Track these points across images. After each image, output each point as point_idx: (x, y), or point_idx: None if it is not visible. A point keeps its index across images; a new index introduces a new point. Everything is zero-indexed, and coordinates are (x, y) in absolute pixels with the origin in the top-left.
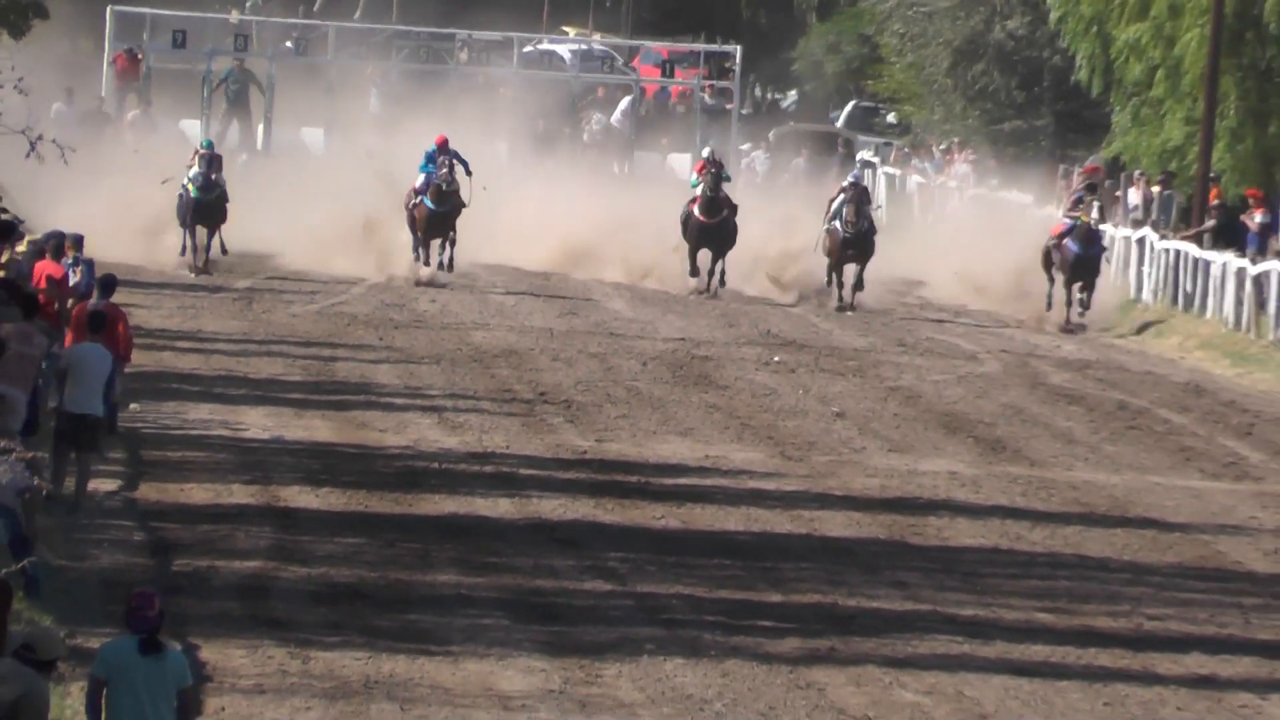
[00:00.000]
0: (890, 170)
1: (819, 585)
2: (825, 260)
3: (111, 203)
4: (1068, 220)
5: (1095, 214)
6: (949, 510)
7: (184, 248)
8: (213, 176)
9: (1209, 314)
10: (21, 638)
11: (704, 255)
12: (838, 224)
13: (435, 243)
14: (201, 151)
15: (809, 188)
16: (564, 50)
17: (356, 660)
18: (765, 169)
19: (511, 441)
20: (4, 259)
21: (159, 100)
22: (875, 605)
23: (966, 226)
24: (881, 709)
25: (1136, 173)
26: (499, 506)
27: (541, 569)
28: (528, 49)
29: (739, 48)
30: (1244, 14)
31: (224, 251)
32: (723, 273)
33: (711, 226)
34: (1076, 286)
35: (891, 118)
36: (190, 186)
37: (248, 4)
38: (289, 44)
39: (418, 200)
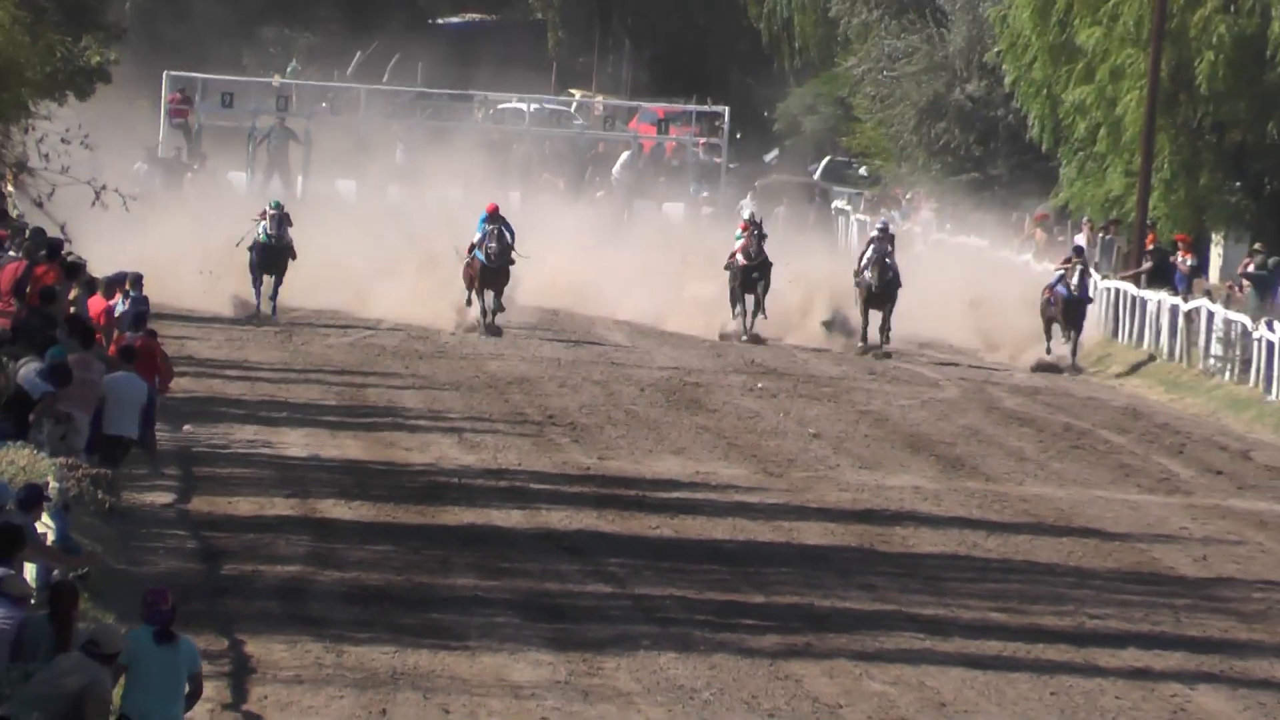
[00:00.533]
0: (861, 217)
1: (797, 587)
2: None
3: (176, 246)
4: (1057, 275)
5: (1076, 279)
6: (913, 521)
7: (256, 298)
8: (283, 230)
9: (1145, 345)
10: (87, 634)
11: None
12: (867, 274)
13: (489, 294)
14: (271, 212)
15: (787, 233)
16: (524, 107)
17: (384, 654)
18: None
19: (523, 459)
20: (72, 296)
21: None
22: (847, 605)
23: (929, 267)
24: (852, 698)
25: (1084, 219)
26: (511, 517)
27: (549, 573)
28: (501, 107)
29: (727, 108)
30: (1178, 77)
31: (274, 311)
32: (761, 310)
33: (752, 267)
34: (1073, 332)
35: (863, 170)
36: (261, 234)
37: (289, 69)
38: (324, 104)
39: (472, 257)
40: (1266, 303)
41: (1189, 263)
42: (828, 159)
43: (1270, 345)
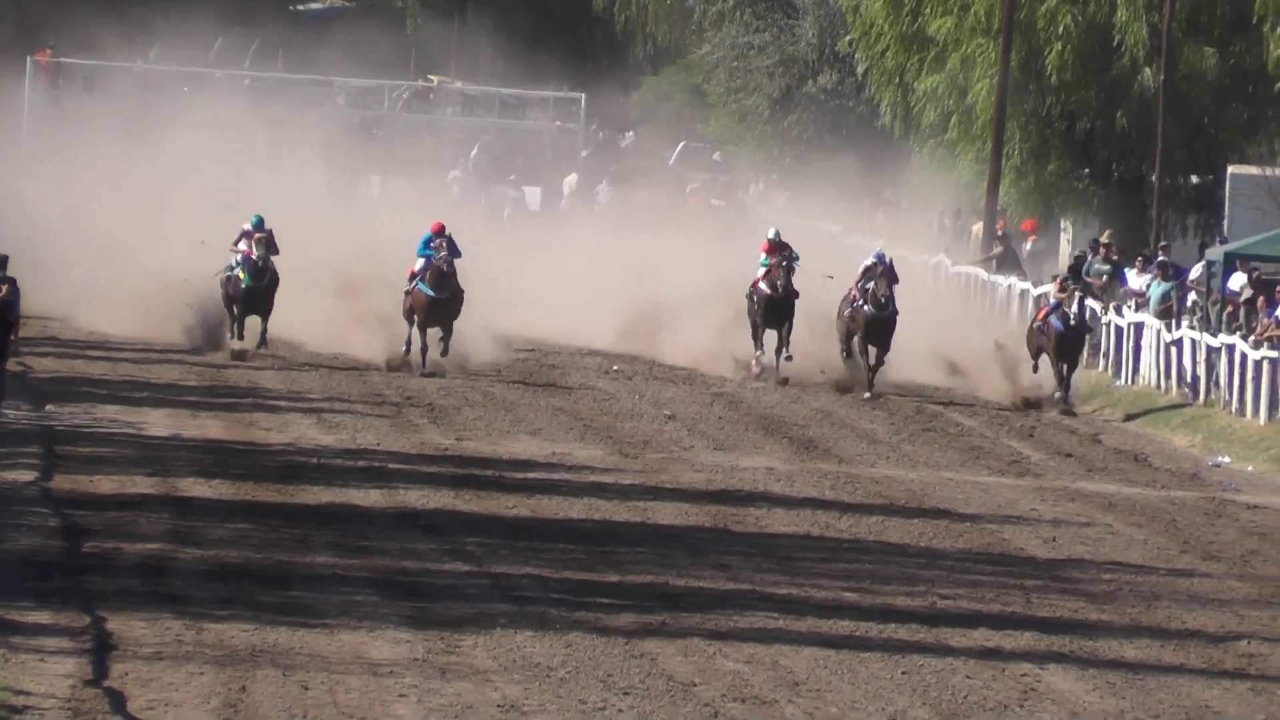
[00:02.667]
0: (717, 202)
1: (651, 567)
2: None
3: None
4: (1053, 303)
5: (1075, 307)
6: (766, 501)
7: (232, 332)
8: (261, 261)
9: (995, 329)
10: None
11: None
12: (864, 304)
13: (433, 331)
14: (251, 231)
15: (643, 215)
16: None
17: (244, 631)
18: (607, 200)
19: (381, 439)
20: None
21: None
22: (701, 585)
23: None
24: (706, 676)
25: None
26: (370, 497)
27: (407, 552)
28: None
29: (583, 95)
30: (1027, 67)
31: (264, 343)
32: (787, 348)
33: (778, 299)
34: (1063, 366)
35: (717, 156)
36: (241, 271)
37: (150, 54)
38: (185, 89)
39: (413, 286)
40: (1114, 290)
41: (1030, 248)
42: (681, 145)
43: (1119, 330)
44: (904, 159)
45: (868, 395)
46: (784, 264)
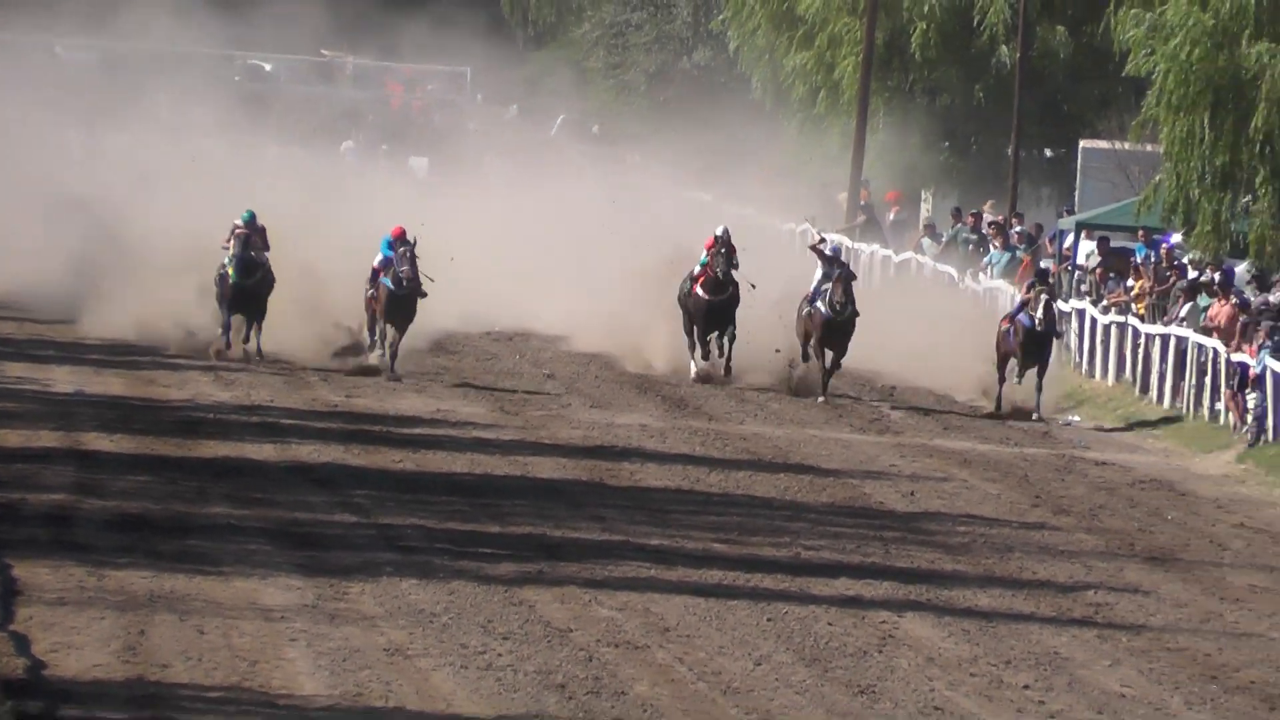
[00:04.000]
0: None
1: (531, 519)
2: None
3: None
4: (1019, 303)
5: (1041, 310)
6: (640, 457)
7: (223, 329)
8: (253, 255)
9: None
10: None
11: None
12: (820, 305)
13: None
14: (240, 228)
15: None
16: (267, 65)
17: (143, 578)
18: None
19: (275, 396)
20: None
21: None
22: (578, 536)
23: (667, 220)
24: (581, 622)
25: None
26: (264, 451)
27: (299, 503)
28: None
29: (469, 69)
30: (892, 44)
31: (259, 354)
32: (729, 353)
33: (717, 305)
34: (1033, 371)
35: (595, 129)
36: (230, 270)
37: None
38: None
39: (378, 285)
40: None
41: (893, 218)
42: (561, 118)
43: (976, 294)
44: (775, 132)
45: (821, 399)
46: (722, 259)
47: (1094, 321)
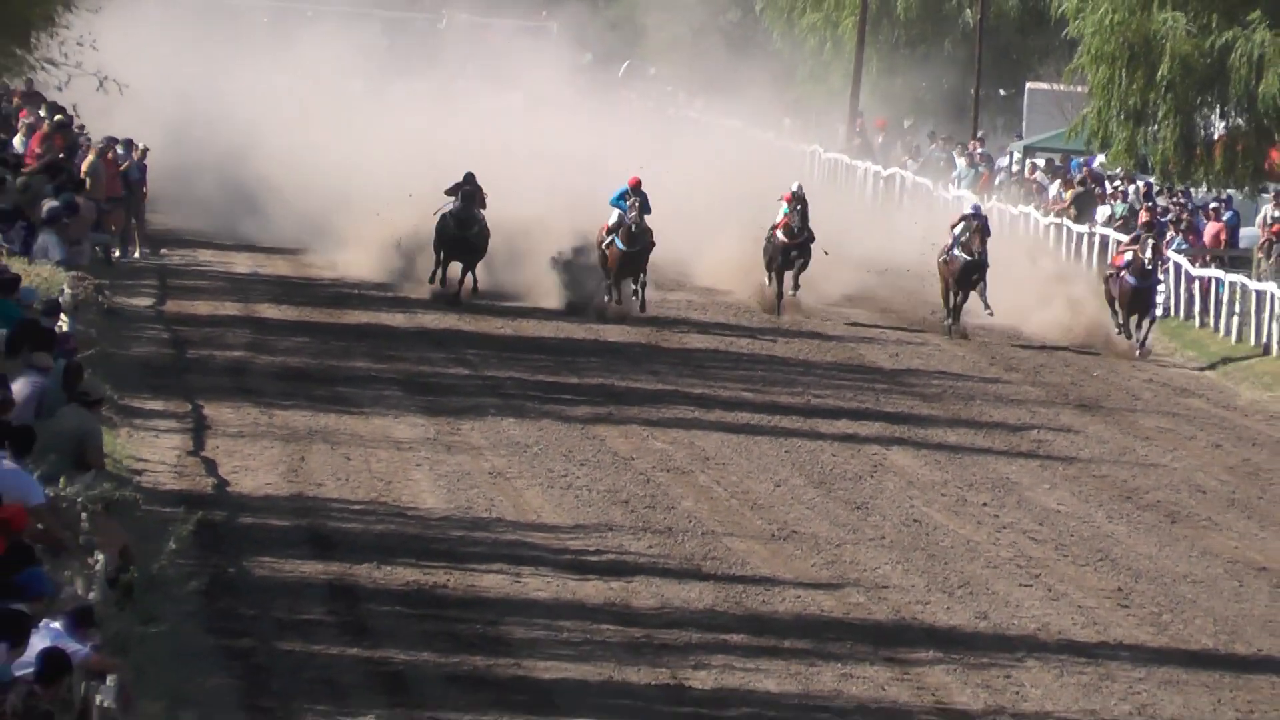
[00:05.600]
0: (648, 103)
1: (601, 372)
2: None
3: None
4: (1126, 255)
5: (1149, 253)
6: (688, 325)
7: (434, 275)
8: (474, 211)
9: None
10: (79, 388)
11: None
12: (958, 251)
13: (627, 281)
14: (460, 184)
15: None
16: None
17: (303, 417)
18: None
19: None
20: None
21: None
22: (638, 385)
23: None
24: (640, 452)
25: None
26: (395, 318)
27: (423, 359)
28: None
29: (555, 24)
30: (883, 6)
31: (475, 289)
32: (797, 280)
33: (792, 247)
34: (1134, 319)
35: (653, 71)
36: (451, 221)
37: None
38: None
39: (609, 240)
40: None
41: (879, 140)
42: (627, 63)
43: (944, 200)
44: (790, 74)
45: (957, 330)
46: (799, 209)
47: (1036, 222)
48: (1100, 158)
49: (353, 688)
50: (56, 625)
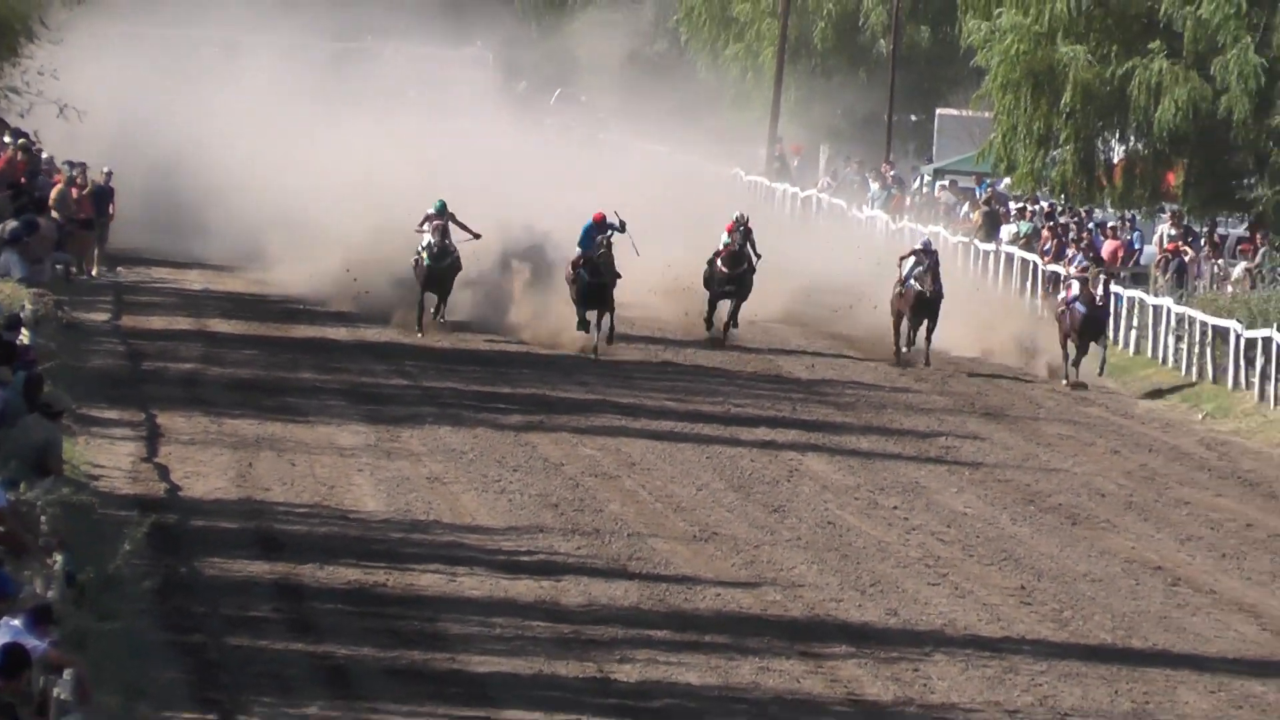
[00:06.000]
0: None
1: (533, 383)
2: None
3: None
4: (1074, 287)
5: (1100, 289)
6: (618, 338)
7: (418, 318)
8: (446, 243)
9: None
10: (41, 399)
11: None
12: (914, 284)
13: (593, 313)
14: (434, 219)
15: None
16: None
17: (251, 425)
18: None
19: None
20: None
21: None
22: (568, 395)
23: (644, 168)
24: (570, 458)
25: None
26: (339, 332)
27: (365, 371)
28: None
29: (490, 54)
30: (801, 39)
31: (443, 318)
32: (736, 318)
33: (734, 276)
34: (1092, 345)
35: (583, 99)
36: (424, 255)
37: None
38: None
39: (576, 275)
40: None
41: (795, 164)
42: (559, 90)
43: (857, 221)
44: (714, 102)
45: (925, 365)
46: (740, 235)
47: (945, 240)
48: (1006, 180)
49: (297, 681)
50: (16, 623)
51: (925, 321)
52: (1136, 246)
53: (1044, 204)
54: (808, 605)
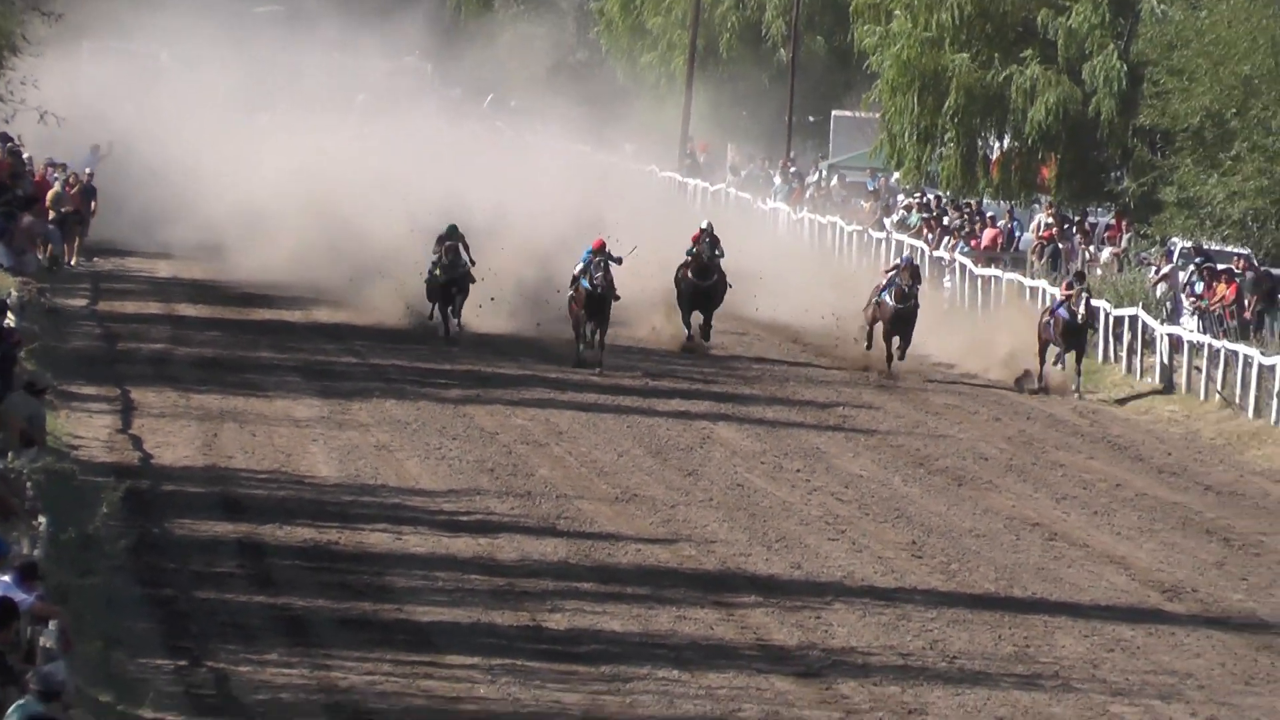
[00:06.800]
0: (501, 125)
1: (471, 360)
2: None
3: None
4: (1059, 300)
5: (1083, 308)
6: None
7: (431, 316)
8: (457, 261)
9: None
10: (26, 377)
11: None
12: (888, 298)
13: (590, 324)
14: (445, 240)
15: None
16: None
17: (215, 400)
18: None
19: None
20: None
21: None
22: (502, 371)
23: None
24: (504, 427)
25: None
26: (295, 315)
27: (319, 350)
28: None
29: (429, 65)
30: (709, 48)
31: (459, 326)
32: (709, 327)
33: (704, 288)
34: (1072, 355)
35: (513, 104)
36: (437, 270)
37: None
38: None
39: (576, 286)
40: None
41: (702, 160)
42: (491, 95)
43: (762, 213)
44: (631, 105)
45: (890, 379)
46: (708, 245)
47: (841, 229)
48: (896, 174)
49: (259, 630)
50: (5, 579)
51: (898, 337)
52: (1017, 234)
53: (930, 196)
54: (719, 559)
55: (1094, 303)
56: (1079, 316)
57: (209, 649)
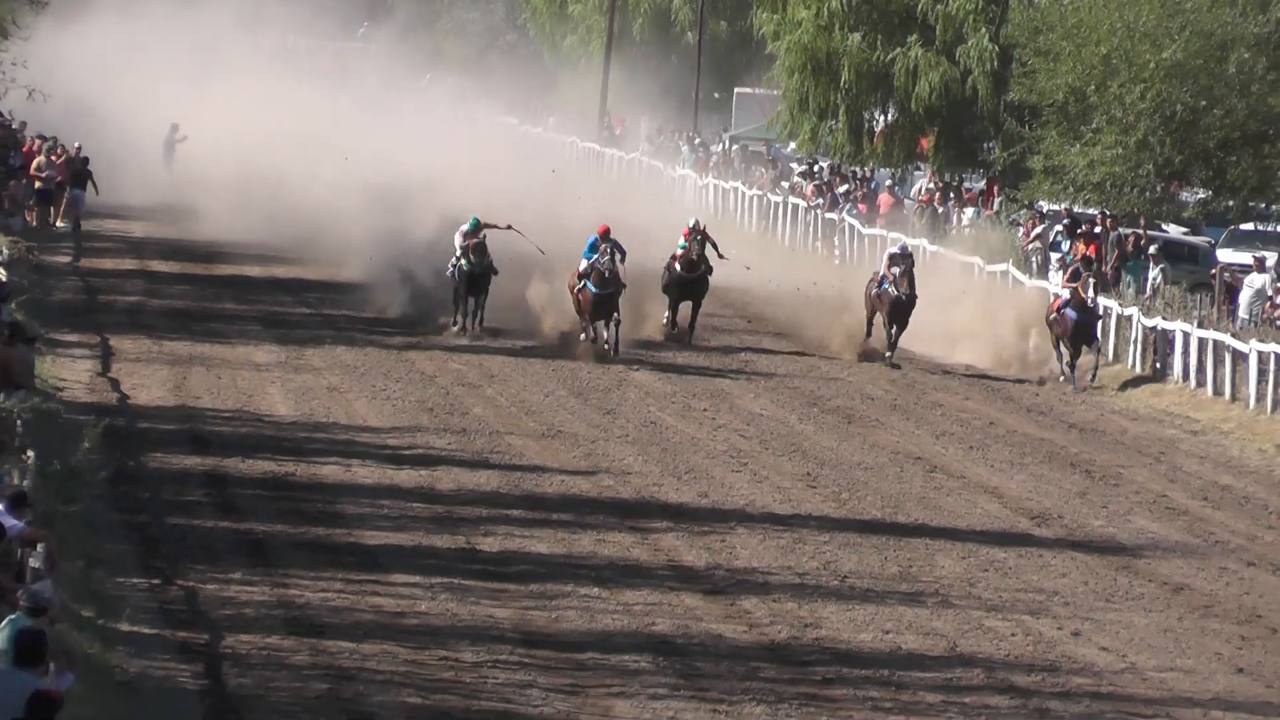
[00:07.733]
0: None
1: (411, 312)
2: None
3: None
4: (1065, 293)
5: (1090, 292)
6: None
7: (456, 313)
8: (486, 254)
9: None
10: (10, 326)
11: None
12: (889, 287)
13: (600, 322)
14: (469, 236)
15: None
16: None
17: (184, 345)
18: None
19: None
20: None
21: None
22: (442, 322)
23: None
24: (442, 372)
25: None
26: (254, 271)
27: (276, 302)
28: None
29: (373, 46)
30: (624, 31)
31: (482, 322)
32: (695, 320)
33: (690, 280)
34: (1079, 350)
35: (449, 81)
36: (463, 262)
37: None
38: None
39: (582, 284)
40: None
41: (619, 132)
42: (429, 75)
43: (672, 180)
44: (555, 83)
45: (894, 366)
46: (698, 241)
47: (753, 200)
48: (791, 144)
49: (224, 552)
50: None
51: (895, 325)
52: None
53: (824, 164)
54: (635, 489)
55: (1100, 291)
56: (1090, 304)
57: (179, 569)
